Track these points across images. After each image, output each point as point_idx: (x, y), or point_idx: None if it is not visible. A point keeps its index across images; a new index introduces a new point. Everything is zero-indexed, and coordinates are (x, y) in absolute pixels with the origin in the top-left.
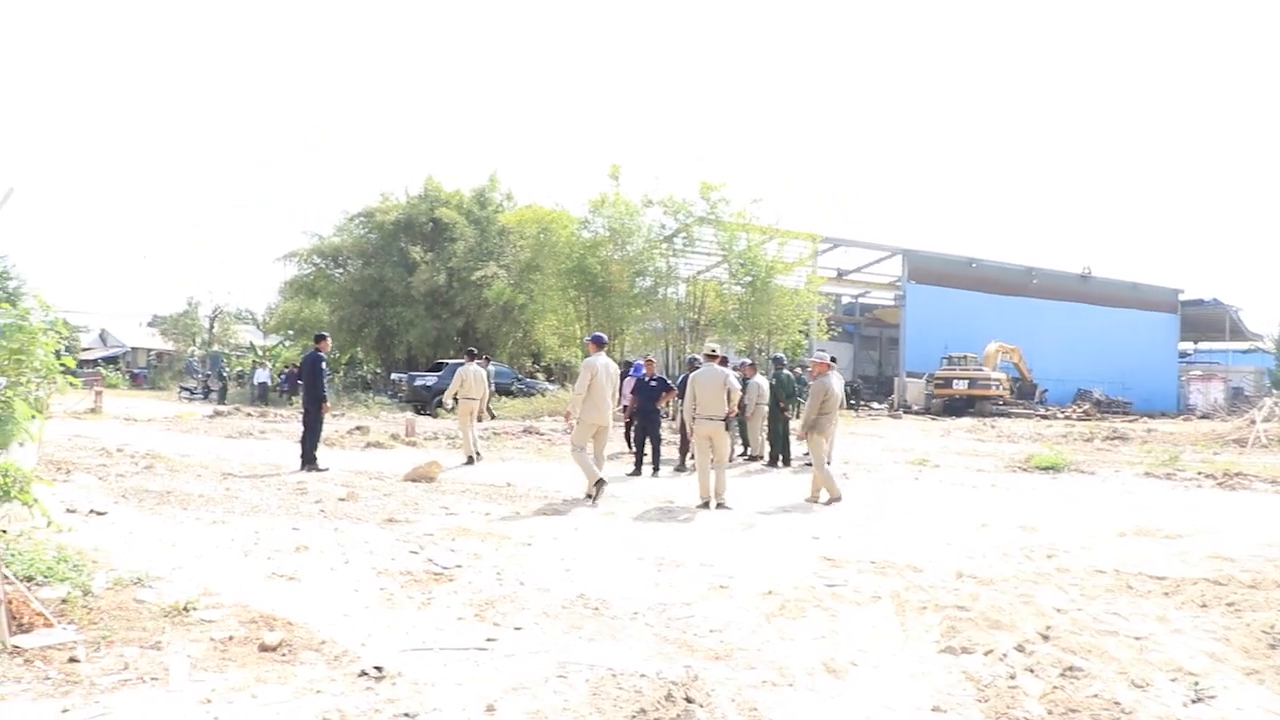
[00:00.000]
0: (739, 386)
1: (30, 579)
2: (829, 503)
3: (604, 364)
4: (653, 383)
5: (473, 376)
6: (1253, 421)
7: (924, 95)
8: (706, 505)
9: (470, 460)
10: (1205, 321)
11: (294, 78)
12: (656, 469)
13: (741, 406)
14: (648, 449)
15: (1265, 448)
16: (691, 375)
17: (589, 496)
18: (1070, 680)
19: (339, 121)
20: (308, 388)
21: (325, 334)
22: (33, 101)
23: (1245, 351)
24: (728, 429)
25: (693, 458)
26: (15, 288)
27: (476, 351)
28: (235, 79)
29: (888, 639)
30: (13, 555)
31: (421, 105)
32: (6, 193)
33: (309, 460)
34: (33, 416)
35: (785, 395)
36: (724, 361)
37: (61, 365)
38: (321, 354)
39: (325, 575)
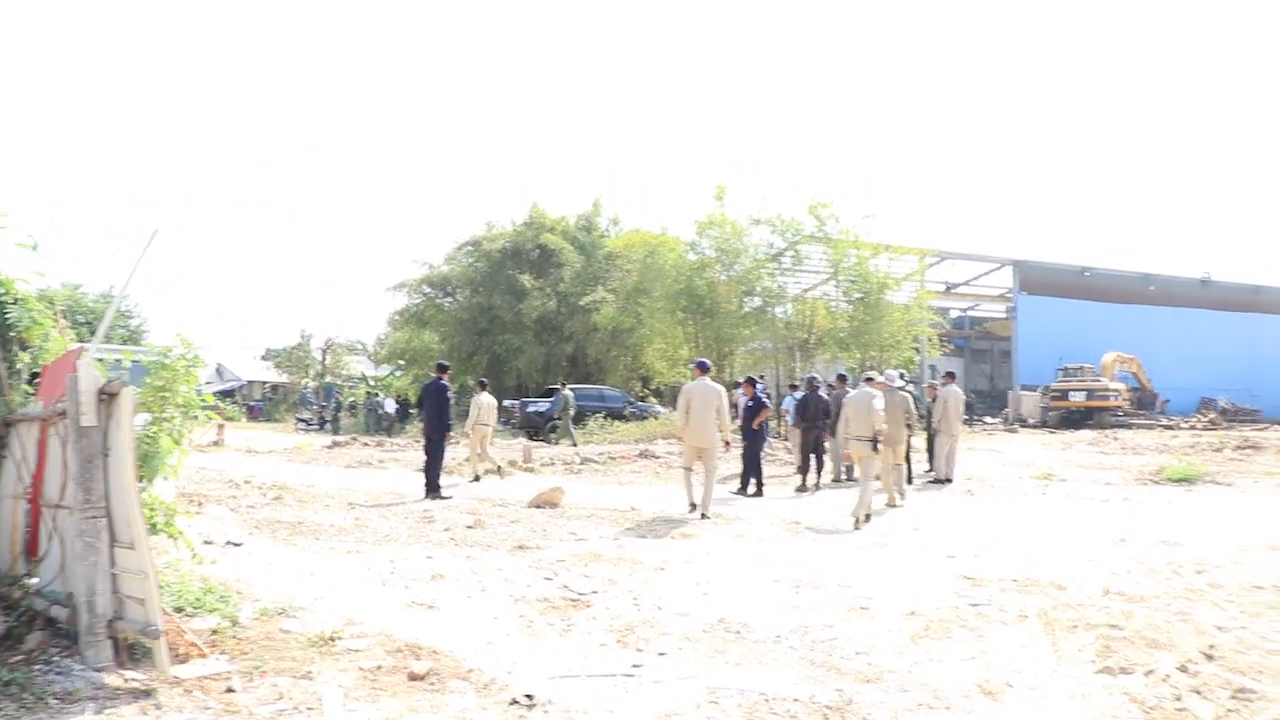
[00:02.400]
0: (880, 408)
1: (180, 610)
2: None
3: (701, 388)
4: (750, 403)
5: (486, 405)
6: None
7: (1036, 104)
8: (867, 519)
9: (477, 478)
10: None
11: (395, 111)
12: (755, 489)
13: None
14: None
15: None
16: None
17: (694, 509)
18: (1243, 703)
19: (442, 151)
20: (434, 416)
21: (447, 364)
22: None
23: None
24: (875, 449)
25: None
26: (137, 325)
27: (485, 382)
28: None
29: (1040, 659)
30: (162, 587)
31: (525, 133)
32: (151, 235)
33: (433, 488)
34: (174, 451)
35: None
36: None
37: (203, 400)
38: (445, 383)
39: (463, 603)
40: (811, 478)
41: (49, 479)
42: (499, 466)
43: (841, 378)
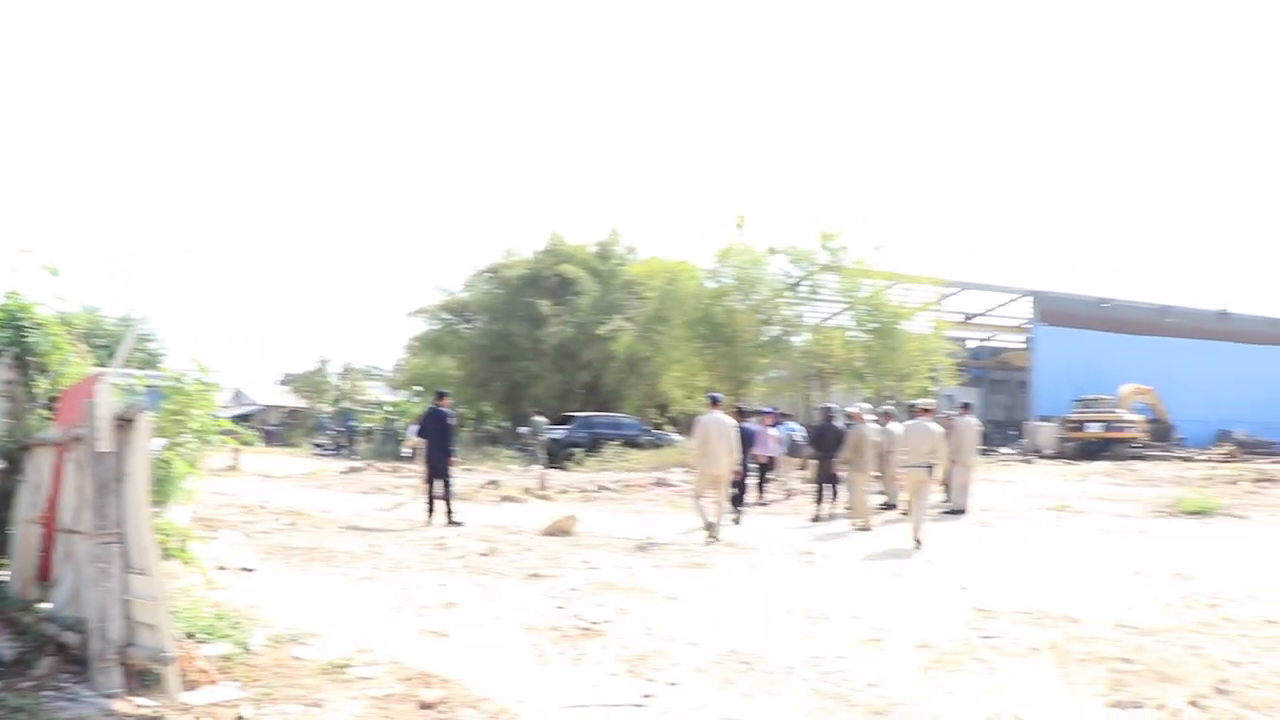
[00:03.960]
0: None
1: (191, 636)
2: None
3: (717, 420)
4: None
5: None
6: None
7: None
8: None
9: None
10: None
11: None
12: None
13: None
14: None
15: None
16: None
17: (708, 534)
18: None
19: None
20: (437, 444)
21: (446, 390)
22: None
23: None
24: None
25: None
26: (155, 348)
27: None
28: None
29: (1051, 692)
30: (173, 613)
31: (545, 160)
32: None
33: (448, 514)
34: (188, 475)
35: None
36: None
37: (218, 425)
38: (446, 410)
39: (475, 631)
40: (826, 507)
41: (64, 503)
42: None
43: (886, 413)
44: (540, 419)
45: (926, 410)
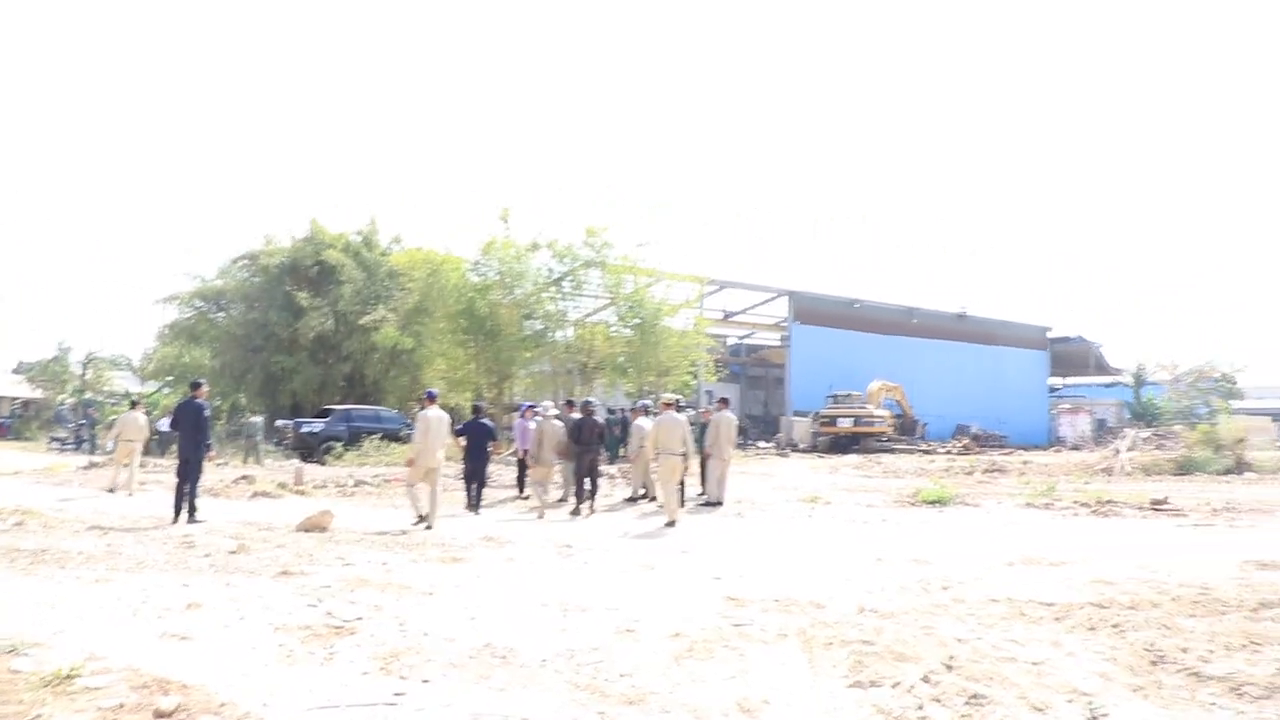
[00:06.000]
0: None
1: None
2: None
3: (435, 415)
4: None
5: (133, 421)
6: (1117, 451)
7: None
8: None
9: (113, 490)
10: (1071, 357)
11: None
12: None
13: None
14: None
15: (1129, 475)
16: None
17: (420, 521)
18: (975, 708)
19: (218, 160)
20: (191, 436)
21: (201, 380)
22: None
23: (1108, 385)
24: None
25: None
26: None
27: (137, 401)
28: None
29: (797, 676)
30: None
31: (304, 145)
32: None
33: (191, 511)
34: None
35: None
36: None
37: None
38: (201, 402)
39: (220, 633)
40: (586, 502)
41: None
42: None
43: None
44: (256, 419)
45: (669, 404)
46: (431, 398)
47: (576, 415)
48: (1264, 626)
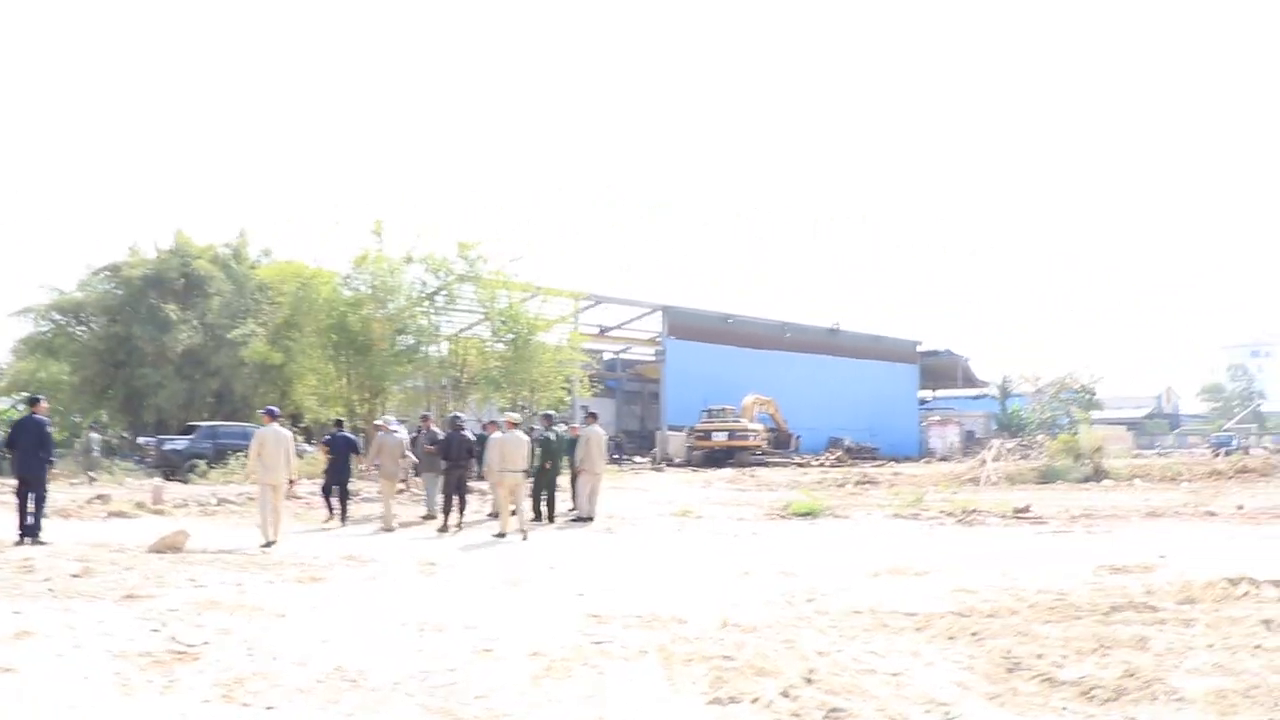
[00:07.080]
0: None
1: None
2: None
3: (274, 433)
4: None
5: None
6: (984, 461)
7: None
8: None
9: None
10: (940, 370)
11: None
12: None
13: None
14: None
15: (995, 485)
16: (495, 437)
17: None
18: None
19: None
20: (33, 454)
21: (40, 396)
22: None
23: (975, 397)
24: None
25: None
26: None
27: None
28: None
29: (656, 694)
30: None
31: (168, 153)
32: None
33: (35, 532)
34: None
35: (557, 452)
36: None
37: None
38: (42, 418)
39: (51, 663)
40: (454, 517)
41: None
42: None
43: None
44: (95, 435)
45: (514, 423)
46: (271, 415)
47: (437, 431)
48: (1114, 630)
